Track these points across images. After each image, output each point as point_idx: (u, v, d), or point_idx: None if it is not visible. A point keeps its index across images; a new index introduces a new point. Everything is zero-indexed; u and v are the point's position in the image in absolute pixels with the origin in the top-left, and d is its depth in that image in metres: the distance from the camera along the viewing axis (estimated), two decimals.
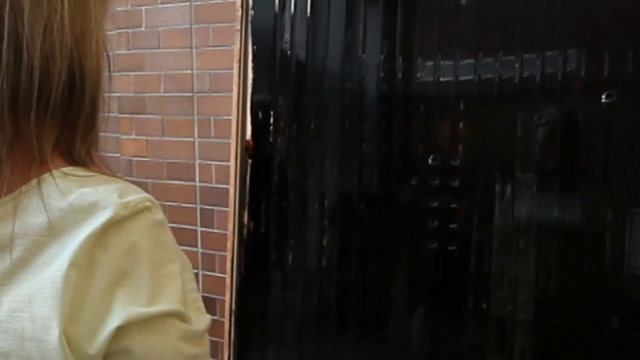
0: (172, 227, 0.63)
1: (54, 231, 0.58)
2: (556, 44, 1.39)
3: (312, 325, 1.70)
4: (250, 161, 1.75)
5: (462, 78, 1.50)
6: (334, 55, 1.66)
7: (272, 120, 1.73)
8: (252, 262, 1.77)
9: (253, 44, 1.75)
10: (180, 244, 0.63)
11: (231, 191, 1.77)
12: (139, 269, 0.58)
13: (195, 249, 2.41)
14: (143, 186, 0.70)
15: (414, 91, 1.57)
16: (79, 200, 0.59)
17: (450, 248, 1.51)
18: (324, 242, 1.67)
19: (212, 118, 2.36)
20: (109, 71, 0.69)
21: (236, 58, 1.75)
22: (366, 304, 1.63)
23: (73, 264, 0.56)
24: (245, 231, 1.75)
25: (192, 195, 2.42)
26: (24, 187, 0.60)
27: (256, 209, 1.74)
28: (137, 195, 0.60)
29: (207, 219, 2.39)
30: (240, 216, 1.76)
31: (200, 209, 2.41)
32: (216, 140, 2.34)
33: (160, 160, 2.51)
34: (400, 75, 1.57)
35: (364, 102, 1.62)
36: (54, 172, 0.61)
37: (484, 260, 1.48)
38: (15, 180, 0.61)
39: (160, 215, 0.62)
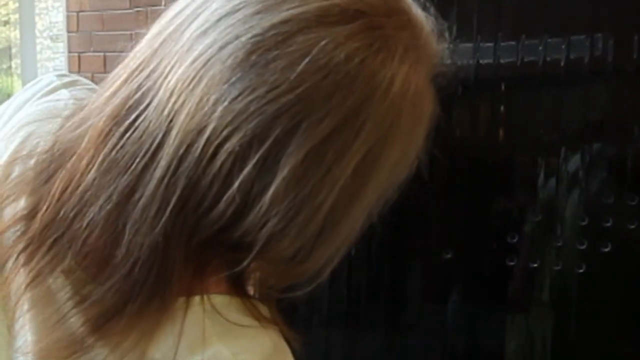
0: None
1: None
2: None
3: (340, 313, 1.68)
4: None
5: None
6: None
7: None
8: None
9: None
10: None
11: None
12: None
13: None
14: None
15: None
16: None
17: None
18: None
19: None
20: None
21: None
22: (394, 292, 1.60)
23: None
24: None
25: None
26: (171, 307, 0.52)
27: None
28: None
29: None
30: None
31: None
32: None
33: None
34: None
35: None
36: (206, 302, 0.53)
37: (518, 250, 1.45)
38: (175, 281, 0.51)
39: None
